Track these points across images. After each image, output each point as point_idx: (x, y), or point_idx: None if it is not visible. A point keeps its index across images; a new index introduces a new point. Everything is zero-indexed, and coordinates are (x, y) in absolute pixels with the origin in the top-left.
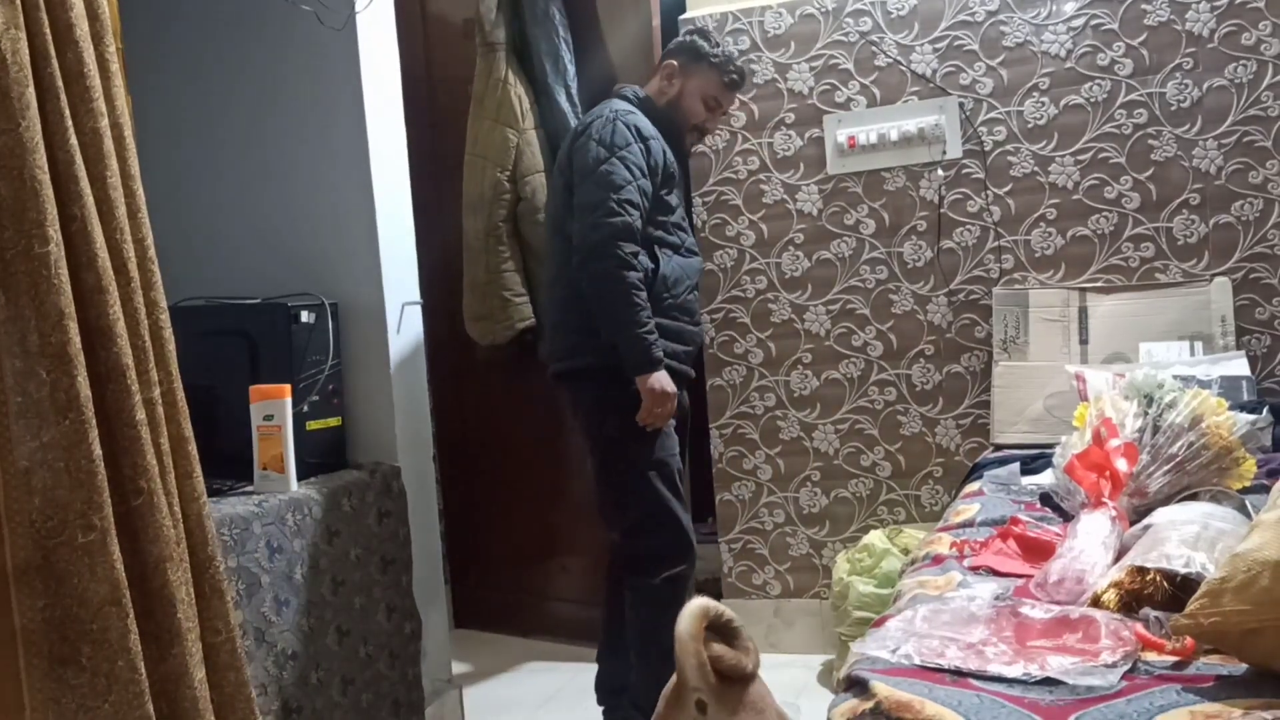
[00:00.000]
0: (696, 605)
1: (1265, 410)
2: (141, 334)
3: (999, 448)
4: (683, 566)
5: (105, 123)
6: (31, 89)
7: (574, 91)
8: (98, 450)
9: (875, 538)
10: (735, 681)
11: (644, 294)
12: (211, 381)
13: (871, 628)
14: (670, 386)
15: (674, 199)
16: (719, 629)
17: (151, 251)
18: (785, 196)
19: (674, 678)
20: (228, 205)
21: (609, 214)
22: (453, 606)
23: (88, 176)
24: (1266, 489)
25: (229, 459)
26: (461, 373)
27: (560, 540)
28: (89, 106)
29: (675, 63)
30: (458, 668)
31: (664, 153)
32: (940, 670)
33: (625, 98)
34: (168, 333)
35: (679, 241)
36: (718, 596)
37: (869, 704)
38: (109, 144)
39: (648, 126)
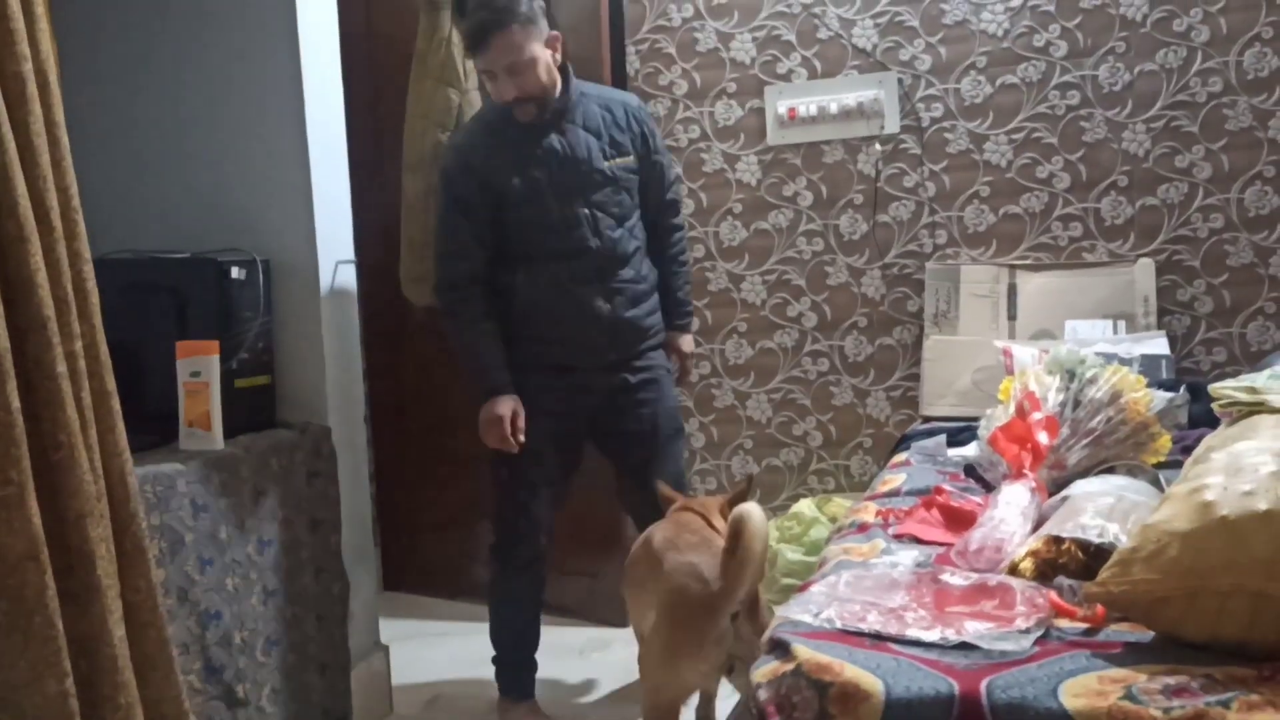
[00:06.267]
0: (762, 521)
1: (1183, 389)
2: (64, 285)
3: (927, 419)
4: (496, 567)
5: (29, 67)
6: None
7: None
8: (16, 403)
9: (804, 506)
10: None
11: (476, 328)
12: (138, 337)
13: (796, 593)
14: (497, 411)
15: (543, 203)
16: None
17: (76, 201)
18: (725, 166)
19: (679, 582)
20: (157, 157)
21: (437, 265)
22: (382, 568)
23: (10, 121)
24: (1181, 464)
25: (155, 416)
26: (397, 335)
27: (491, 504)
28: (12, 50)
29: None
30: (385, 629)
31: (497, 170)
32: (860, 634)
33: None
34: (91, 285)
35: (556, 248)
36: None
37: (790, 666)
38: (32, 89)
39: (472, 140)
